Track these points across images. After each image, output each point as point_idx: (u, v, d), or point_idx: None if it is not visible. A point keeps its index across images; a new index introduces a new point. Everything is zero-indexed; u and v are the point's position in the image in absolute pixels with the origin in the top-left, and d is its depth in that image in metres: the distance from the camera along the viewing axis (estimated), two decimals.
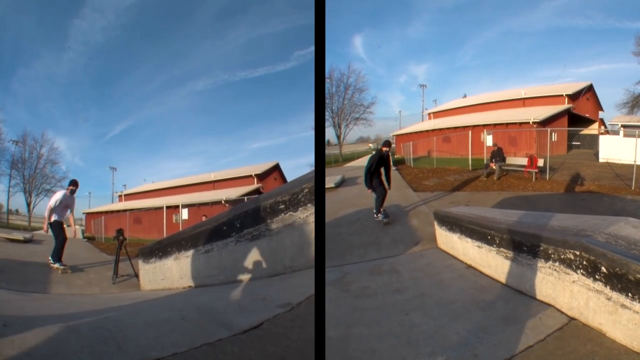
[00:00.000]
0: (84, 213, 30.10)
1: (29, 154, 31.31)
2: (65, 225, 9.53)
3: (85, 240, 8.46)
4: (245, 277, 5.27)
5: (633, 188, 13.79)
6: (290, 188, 5.28)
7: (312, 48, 2.97)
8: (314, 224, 4.92)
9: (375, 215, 10.15)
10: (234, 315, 3.86)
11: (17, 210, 31.44)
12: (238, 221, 5.45)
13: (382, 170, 10.41)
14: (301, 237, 5.04)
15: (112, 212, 24.70)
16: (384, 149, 10.47)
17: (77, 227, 9.66)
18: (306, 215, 5.03)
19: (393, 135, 32.35)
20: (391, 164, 11.09)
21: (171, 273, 6.28)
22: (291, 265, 5.05)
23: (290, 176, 30.03)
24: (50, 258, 8.66)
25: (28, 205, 31.37)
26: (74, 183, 9.77)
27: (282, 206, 5.13)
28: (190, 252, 5.98)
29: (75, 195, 9.85)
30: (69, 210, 9.74)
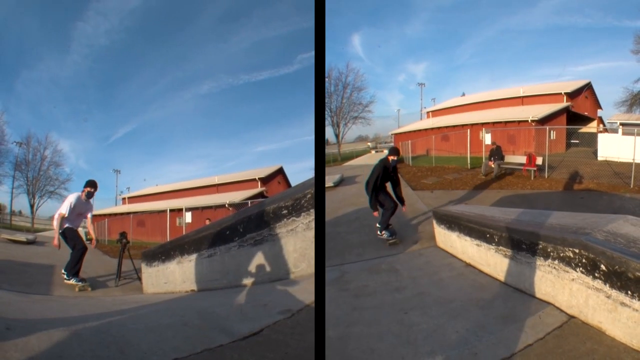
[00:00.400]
0: None
1: (32, 156, 31.40)
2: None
3: (88, 242, 8.00)
4: (247, 281, 5.29)
5: (632, 186, 13.83)
6: (292, 193, 5.30)
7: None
8: None
9: (379, 233, 8.52)
10: (235, 321, 3.88)
11: (20, 212, 31.50)
12: (241, 226, 5.46)
13: (389, 184, 8.73)
14: (304, 242, 5.05)
15: (115, 214, 24.75)
16: (391, 157, 8.50)
17: (92, 235, 7.83)
18: (309, 220, 5.04)
19: (392, 134, 32.46)
20: (400, 178, 9.00)
21: (174, 277, 6.30)
22: (293, 271, 5.07)
23: (294, 179, 30.20)
24: (63, 272, 7.22)
25: (31, 206, 31.39)
26: (91, 184, 7.71)
27: (284, 211, 5.15)
28: (194, 256, 5.99)
29: (93, 199, 7.84)
30: (84, 219, 7.87)
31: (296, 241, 5.11)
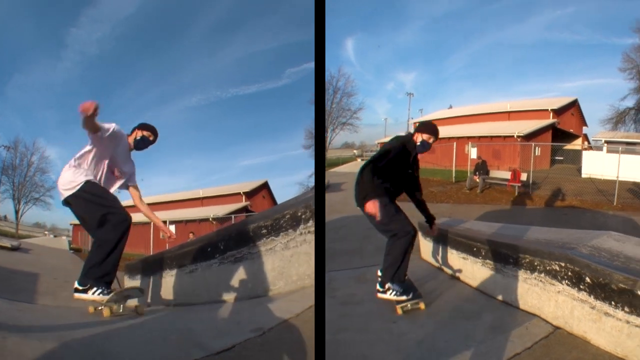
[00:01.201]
0: (71, 224, 29.70)
1: (19, 161, 30.93)
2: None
3: (71, 252, 7.45)
4: (226, 298, 5.36)
5: (615, 204, 14.08)
6: (272, 214, 5.43)
7: (305, 66, 3.06)
8: (293, 249, 5.08)
9: (379, 288, 4.77)
10: (210, 337, 3.94)
11: (5, 217, 30.93)
12: (222, 243, 5.55)
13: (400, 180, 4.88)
14: (282, 261, 5.15)
15: None
16: (420, 136, 4.86)
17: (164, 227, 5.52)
18: (287, 240, 5.14)
19: (378, 143, 32.64)
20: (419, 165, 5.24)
21: (155, 291, 6.27)
22: (271, 289, 5.15)
23: (278, 194, 30.28)
24: (76, 283, 4.27)
25: (16, 212, 30.76)
26: (149, 128, 4.71)
27: (264, 231, 5.24)
28: (175, 272, 6.02)
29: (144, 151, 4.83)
30: (119, 183, 4.70)
31: (274, 260, 5.19)
